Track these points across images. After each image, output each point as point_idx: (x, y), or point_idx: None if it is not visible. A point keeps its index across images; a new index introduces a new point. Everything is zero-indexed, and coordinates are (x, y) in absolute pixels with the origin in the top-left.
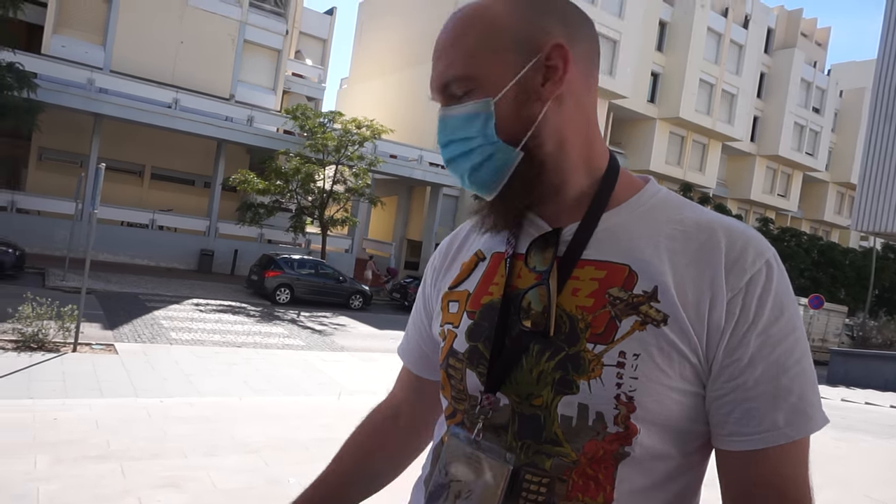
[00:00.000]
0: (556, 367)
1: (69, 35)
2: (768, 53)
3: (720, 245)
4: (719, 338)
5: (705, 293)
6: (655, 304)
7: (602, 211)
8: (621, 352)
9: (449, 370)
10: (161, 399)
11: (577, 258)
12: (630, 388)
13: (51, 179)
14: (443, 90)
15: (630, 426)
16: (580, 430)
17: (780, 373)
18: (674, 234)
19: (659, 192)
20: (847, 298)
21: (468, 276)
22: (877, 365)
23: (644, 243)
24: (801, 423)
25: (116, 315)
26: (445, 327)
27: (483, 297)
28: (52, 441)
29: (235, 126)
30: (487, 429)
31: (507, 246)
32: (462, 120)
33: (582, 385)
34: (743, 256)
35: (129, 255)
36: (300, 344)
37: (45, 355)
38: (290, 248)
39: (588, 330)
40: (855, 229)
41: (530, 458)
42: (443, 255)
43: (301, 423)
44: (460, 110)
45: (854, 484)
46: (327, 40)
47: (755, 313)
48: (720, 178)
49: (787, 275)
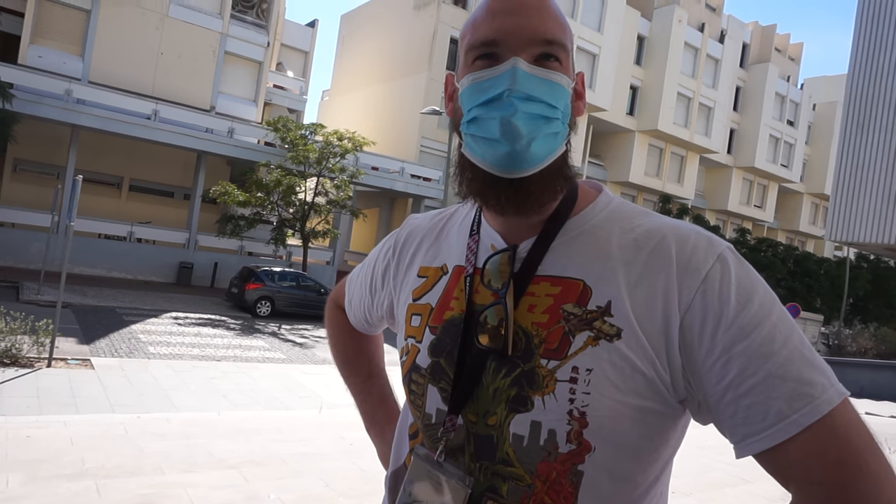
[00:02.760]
0: (511, 384)
1: (47, 45)
2: (743, 68)
3: (670, 250)
4: (691, 343)
5: (659, 302)
6: (609, 319)
7: (558, 230)
8: (574, 367)
9: (411, 385)
10: (138, 415)
11: (532, 275)
12: (583, 404)
13: (26, 191)
14: (539, 45)
15: (583, 442)
16: (531, 450)
17: (766, 362)
18: (625, 245)
19: (611, 202)
20: (822, 307)
21: (430, 288)
22: (852, 372)
23: (596, 257)
24: (807, 407)
25: (93, 329)
26: (409, 341)
27: (445, 313)
28: (25, 459)
29: (216, 138)
30: (448, 452)
31: (467, 262)
32: (553, 85)
33: (536, 401)
34: (694, 255)
35: (107, 269)
36: (281, 357)
37: (19, 371)
38: (271, 260)
39: (542, 346)
40: (829, 239)
41: (489, 481)
42: (400, 246)
43: (281, 437)
44: (555, 76)
45: None
46: (309, 52)
47: (719, 309)
48: (698, 189)
49: (747, 263)
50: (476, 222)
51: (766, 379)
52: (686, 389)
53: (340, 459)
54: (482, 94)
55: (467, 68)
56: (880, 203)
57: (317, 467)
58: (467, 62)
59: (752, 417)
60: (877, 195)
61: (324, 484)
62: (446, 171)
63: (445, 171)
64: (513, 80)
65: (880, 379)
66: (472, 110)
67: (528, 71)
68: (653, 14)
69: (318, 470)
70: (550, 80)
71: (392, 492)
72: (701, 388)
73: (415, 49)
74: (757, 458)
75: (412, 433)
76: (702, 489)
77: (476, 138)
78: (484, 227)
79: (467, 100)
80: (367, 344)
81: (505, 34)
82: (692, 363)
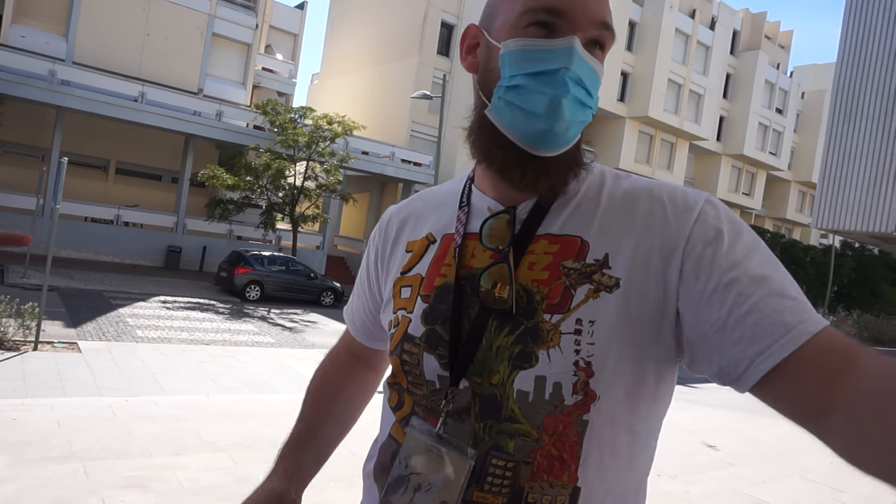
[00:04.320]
0: (515, 342)
1: (30, 25)
2: (734, 55)
3: (662, 197)
4: (690, 275)
5: (657, 245)
6: (607, 271)
7: (558, 192)
8: (577, 319)
9: (403, 356)
10: (126, 398)
11: (533, 234)
12: (588, 354)
13: (10, 173)
14: (597, 27)
15: (589, 392)
16: (537, 405)
17: (763, 282)
18: (620, 201)
19: (604, 169)
20: (808, 295)
21: (419, 259)
22: None
23: (591, 213)
24: (809, 319)
25: (80, 313)
26: (399, 314)
27: (436, 280)
28: (12, 441)
29: (204, 121)
30: (451, 415)
31: (458, 225)
32: (596, 76)
33: (541, 355)
34: (684, 200)
35: (93, 252)
36: (270, 341)
37: (5, 354)
38: (260, 244)
39: (544, 301)
40: (815, 227)
41: (494, 440)
42: (384, 233)
43: (270, 420)
44: (600, 68)
45: (815, 475)
46: (298, 35)
47: (715, 238)
48: (688, 176)
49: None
50: (466, 193)
51: (767, 296)
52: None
53: None
54: (533, 65)
55: (517, 31)
56: (866, 191)
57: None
58: (519, 24)
59: (759, 333)
60: (863, 184)
61: None
62: (437, 156)
63: (436, 156)
64: (570, 59)
65: None
66: (517, 77)
67: (583, 55)
68: (644, 0)
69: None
70: (596, 69)
71: (380, 467)
72: (700, 321)
73: (405, 33)
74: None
75: (394, 405)
76: (687, 472)
77: (513, 106)
78: (476, 196)
79: (513, 65)
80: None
81: (570, 8)
82: (692, 296)
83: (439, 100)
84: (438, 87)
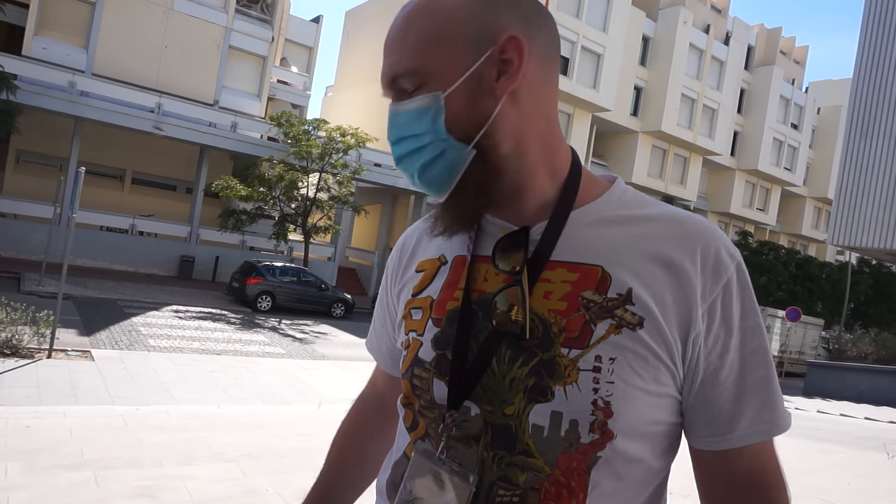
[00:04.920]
0: (529, 374)
1: (51, 37)
2: (748, 70)
3: (696, 247)
4: (697, 340)
5: (681, 296)
6: (630, 308)
7: (569, 210)
8: (597, 356)
9: (414, 380)
10: (137, 407)
11: (547, 258)
12: (607, 393)
13: (29, 182)
14: (392, 84)
15: (607, 431)
16: (552, 441)
17: (756, 375)
18: (646, 234)
19: (627, 191)
20: (823, 311)
21: (431, 281)
22: (852, 377)
23: (616, 243)
24: (776, 420)
25: (93, 321)
26: (410, 335)
27: (448, 303)
28: (24, 449)
29: (219, 132)
30: (459, 440)
31: (469, 244)
32: (411, 115)
33: (557, 391)
34: (718, 258)
35: (108, 261)
36: (281, 352)
37: (19, 361)
38: (272, 255)
39: (562, 334)
40: (831, 243)
41: (503, 471)
42: (398, 255)
43: (280, 431)
44: (409, 105)
45: (831, 495)
46: (313, 48)
47: (731, 318)
48: (701, 191)
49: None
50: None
51: (751, 389)
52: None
53: None
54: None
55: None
56: (883, 208)
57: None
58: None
59: (724, 420)
60: (880, 200)
61: None
62: None
63: None
64: (391, 125)
65: (880, 384)
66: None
67: (393, 112)
68: (658, 15)
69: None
70: (403, 110)
71: (392, 484)
72: (686, 382)
73: None
74: (702, 453)
75: (409, 425)
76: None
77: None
78: (487, 217)
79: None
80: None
81: (381, 79)
82: (692, 360)
83: None
84: None
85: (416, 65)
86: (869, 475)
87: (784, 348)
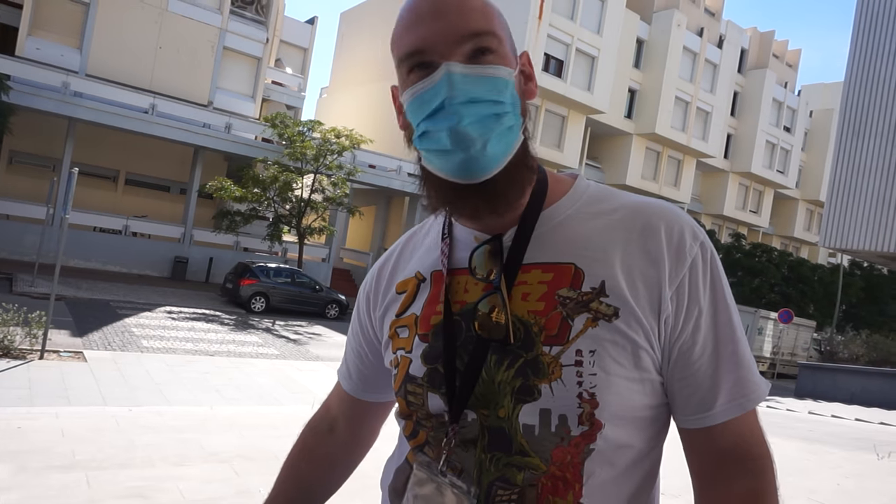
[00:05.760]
0: (515, 375)
1: (44, 37)
2: (741, 73)
3: (659, 231)
4: (670, 323)
5: (651, 280)
6: (604, 300)
7: (538, 214)
8: (577, 350)
9: (409, 396)
10: (130, 408)
11: (521, 262)
12: (591, 385)
13: (21, 183)
14: (467, 41)
15: (595, 422)
16: (544, 438)
17: (728, 349)
18: (612, 225)
19: (589, 186)
20: (815, 313)
21: (413, 300)
22: (843, 379)
23: (585, 239)
24: (752, 393)
25: (86, 322)
26: (398, 353)
27: (432, 318)
28: (16, 450)
29: (213, 133)
30: (458, 444)
31: (442, 258)
32: (494, 81)
33: (543, 389)
34: (682, 241)
35: (101, 262)
36: (274, 353)
37: (11, 362)
38: (266, 256)
39: (542, 333)
40: (823, 246)
41: (501, 472)
42: (375, 279)
43: (273, 432)
44: (492, 71)
45: (821, 496)
46: (308, 49)
47: (699, 296)
48: (694, 193)
49: (716, 252)
50: (446, 226)
51: (727, 365)
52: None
53: None
54: (425, 107)
55: (404, 83)
56: (875, 211)
57: None
58: (403, 76)
59: (706, 397)
60: (871, 203)
61: None
62: None
63: None
64: (450, 86)
65: (871, 386)
66: (421, 125)
67: (464, 72)
68: (652, 18)
69: None
70: (488, 75)
71: (394, 492)
72: (665, 365)
73: None
74: (689, 432)
75: (409, 434)
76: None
77: (431, 152)
78: (458, 229)
79: (413, 115)
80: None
81: (430, 40)
82: (668, 343)
83: None
84: None
85: (491, 29)
86: (859, 475)
87: (776, 350)
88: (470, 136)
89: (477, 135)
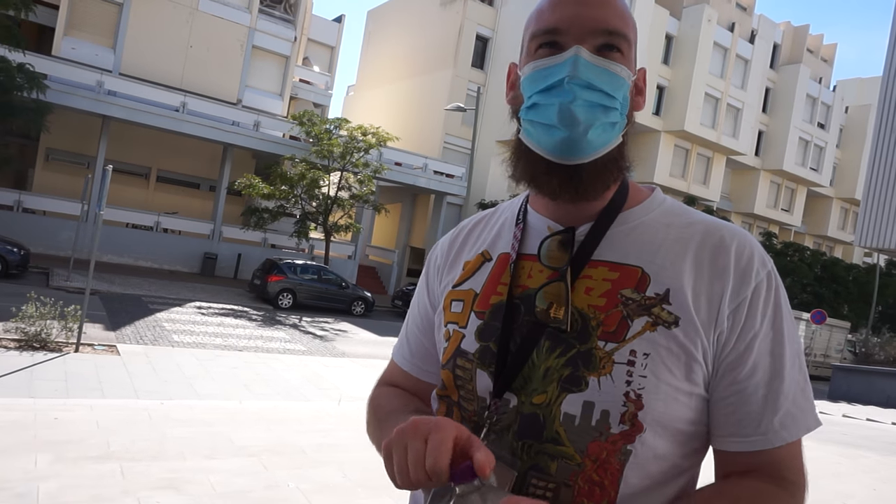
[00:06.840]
0: (566, 364)
1: (80, 37)
2: (774, 69)
3: (730, 250)
4: (722, 340)
5: (714, 296)
6: (667, 307)
7: (616, 214)
8: (632, 350)
9: (457, 370)
10: (162, 401)
11: (590, 257)
12: (639, 387)
13: (57, 180)
14: (601, 35)
15: (636, 423)
16: (583, 430)
17: (778, 378)
18: (684, 238)
19: (665, 199)
20: (850, 314)
21: (472, 274)
22: (879, 381)
23: (655, 247)
24: (795, 426)
25: (119, 316)
26: (450, 327)
27: (492, 297)
28: (53, 440)
29: (242, 131)
30: (493, 430)
31: (512, 248)
32: (613, 77)
33: (591, 381)
34: (749, 265)
35: (133, 257)
36: (301, 349)
37: (48, 355)
38: (293, 253)
39: (600, 328)
40: (859, 245)
41: (533, 460)
42: (445, 252)
43: (301, 427)
44: (615, 68)
45: (856, 500)
46: (335, 47)
47: (758, 321)
48: (724, 191)
49: (783, 286)
50: (522, 212)
51: (774, 394)
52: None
53: (358, 451)
54: (542, 81)
55: (530, 57)
56: None
57: (335, 458)
58: (530, 50)
59: (746, 422)
60: None
61: (342, 475)
62: (469, 167)
63: (468, 168)
64: (574, 67)
65: None
66: (533, 97)
67: (590, 60)
68: (682, 13)
69: (336, 461)
70: (610, 70)
71: None
72: (712, 383)
73: (440, 45)
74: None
75: (443, 414)
76: None
77: (534, 124)
78: (532, 216)
79: (528, 87)
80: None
81: (568, 23)
82: (719, 361)
83: (473, 112)
84: (472, 99)
85: (625, 32)
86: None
87: (808, 351)
88: (576, 117)
89: (583, 117)
